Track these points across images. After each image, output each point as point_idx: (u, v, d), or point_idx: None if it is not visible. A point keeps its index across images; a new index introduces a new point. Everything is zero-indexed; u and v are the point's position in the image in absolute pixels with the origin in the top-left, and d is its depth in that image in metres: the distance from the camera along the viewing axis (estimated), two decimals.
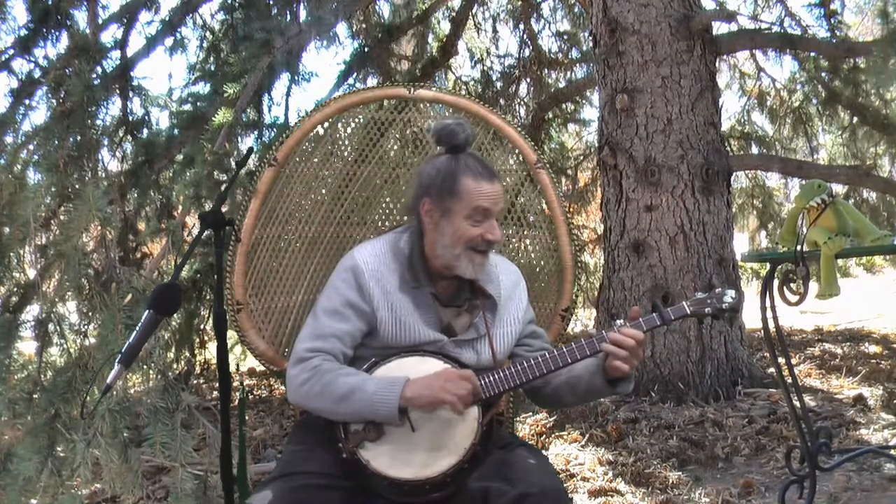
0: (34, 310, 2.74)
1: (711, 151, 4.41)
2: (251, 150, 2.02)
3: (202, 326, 4.84)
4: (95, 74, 2.86)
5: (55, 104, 2.80)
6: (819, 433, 2.61)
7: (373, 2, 6.61)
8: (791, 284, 2.29)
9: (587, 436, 3.65)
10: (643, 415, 3.87)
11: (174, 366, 4.62)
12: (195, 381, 5.09)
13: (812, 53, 6.08)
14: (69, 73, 2.74)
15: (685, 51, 4.42)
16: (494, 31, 7.73)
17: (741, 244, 7.14)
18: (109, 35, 4.04)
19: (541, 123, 6.84)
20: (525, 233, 2.19)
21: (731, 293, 1.76)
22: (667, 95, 4.38)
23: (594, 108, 7.44)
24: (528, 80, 7.49)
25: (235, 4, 4.66)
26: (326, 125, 2.12)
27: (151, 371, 2.41)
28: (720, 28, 5.60)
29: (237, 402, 2.11)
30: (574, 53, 7.45)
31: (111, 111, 3.65)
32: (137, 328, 1.68)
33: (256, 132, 4.00)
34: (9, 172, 2.74)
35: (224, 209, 1.96)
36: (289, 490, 1.55)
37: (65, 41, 3.10)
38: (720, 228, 4.39)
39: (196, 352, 5.00)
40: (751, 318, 4.32)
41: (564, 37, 7.47)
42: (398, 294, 1.74)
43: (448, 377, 1.62)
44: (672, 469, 3.19)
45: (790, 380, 2.59)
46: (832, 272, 2.17)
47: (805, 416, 2.60)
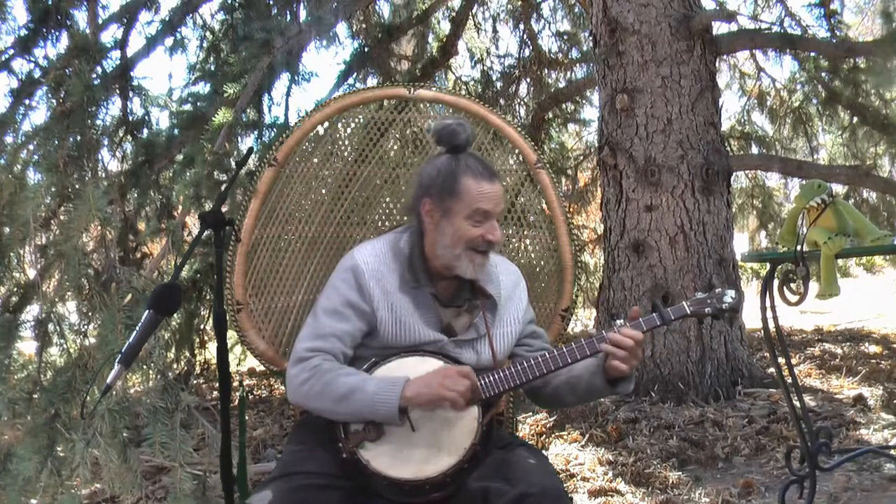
0: (34, 310, 2.74)
1: (711, 151, 4.41)
2: (251, 150, 2.02)
3: (202, 326, 4.84)
4: (95, 74, 2.86)
5: (55, 104, 2.80)
6: (819, 433, 2.61)
7: (373, 2, 6.61)
8: (791, 284, 2.29)
9: (587, 436, 3.65)
10: (643, 415, 3.87)
11: (174, 366, 4.62)
12: (195, 381, 5.09)
13: (812, 53, 6.08)
14: (69, 73, 2.75)
15: (685, 51, 4.42)
16: (494, 31, 7.73)
17: (741, 244, 7.14)
18: (109, 35, 4.05)
19: (541, 123, 6.84)
20: (525, 233, 2.19)
21: (731, 293, 1.76)
22: (667, 95, 4.38)
23: (594, 108, 7.44)
24: (528, 80, 7.49)
25: (235, 4, 4.66)
26: (326, 125, 2.12)
27: (151, 371, 2.41)
28: (720, 28, 5.61)
29: (237, 402, 2.11)
30: (574, 53, 7.45)
31: (111, 111, 3.66)
32: (137, 328, 1.67)
33: (256, 132, 4.00)
34: (9, 172, 2.74)
35: (224, 209, 1.96)
36: (289, 490, 1.55)
37: (65, 41, 3.10)
38: (720, 228, 4.39)
39: (196, 352, 5.00)
40: (751, 318, 4.32)
41: (564, 37, 7.46)
42: (398, 294, 1.74)
43: (447, 374, 1.63)
44: (672, 469, 3.19)
45: (790, 380, 2.58)
46: (832, 272, 2.17)
47: (805, 416, 2.60)
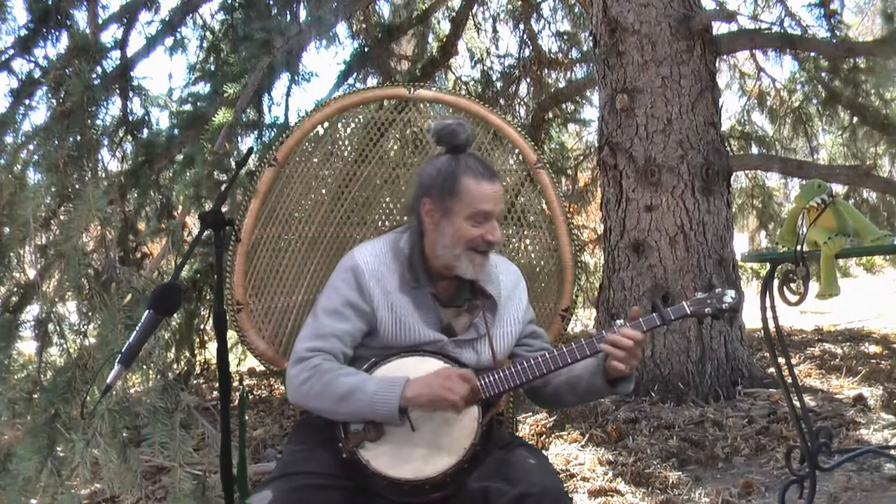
0: (34, 310, 2.75)
1: (711, 151, 4.41)
2: (251, 150, 2.02)
3: (202, 326, 4.85)
4: (95, 74, 2.86)
5: (55, 104, 2.80)
6: (819, 433, 2.61)
7: (373, 2, 6.61)
8: (791, 284, 2.28)
9: (587, 436, 3.65)
10: (643, 415, 3.87)
11: (174, 366, 4.62)
12: (195, 381, 5.09)
13: (812, 53, 6.08)
14: (69, 73, 2.75)
15: (685, 51, 4.42)
16: (494, 31, 7.73)
17: (741, 244, 7.14)
18: (109, 35, 4.05)
19: (541, 123, 6.84)
20: (525, 233, 2.19)
21: (731, 293, 1.76)
22: (667, 95, 4.38)
23: (594, 108, 7.44)
24: (528, 80, 7.49)
25: (235, 4, 4.66)
26: (326, 125, 2.12)
27: (151, 371, 2.41)
28: (720, 28, 5.61)
29: (237, 402, 2.11)
30: (574, 53, 7.45)
31: (111, 111, 3.66)
32: (137, 328, 1.67)
33: (256, 132, 4.00)
34: (9, 172, 2.74)
35: (224, 209, 1.96)
36: (289, 490, 1.55)
37: (65, 41, 3.10)
38: (720, 228, 4.39)
39: (196, 352, 5.00)
40: (751, 318, 4.32)
41: (564, 37, 7.46)
42: (398, 294, 1.74)
43: (448, 376, 1.63)
44: (672, 469, 3.19)
45: (790, 380, 2.58)
46: (832, 272, 2.16)
47: (805, 416, 2.60)
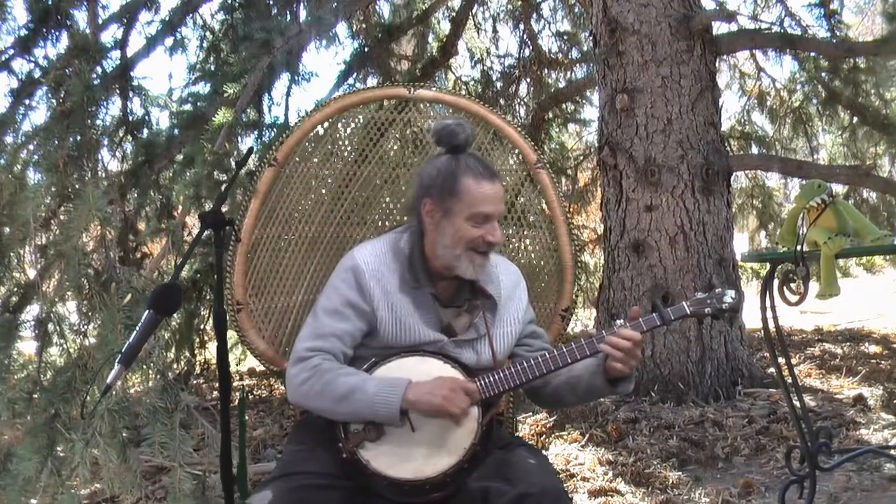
0: (34, 310, 2.74)
1: (711, 151, 4.41)
2: (251, 150, 2.02)
3: (202, 326, 4.85)
4: (95, 74, 2.86)
5: (55, 104, 2.80)
6: (819, 433, 2.61)
7: (373, 2, 6.61)
8: (791, 284, 2.28)
9: (587, 436, 3.65)
10: (643, 415, 3.87)
11: (174, 366, 4.62)
12: (195, 381, 5.09)
13: (812, 53, 6.08)
14: (69, 73, 2.75)
15: (685, 51, 4.42)
16: (494, 31, 7.72)
17: (741, 244, 7.14)
18: (109, 35, 4.05)
19: (541, 123, 6.83)
20: (525, 233, 2.19)
21: (731, 293, 1.76)
22: (667, 95, 4.38)
23: (594, 108, 7.45)
24: (528, 80, 7.48)
25: (235, 4, 4.66)
26: (326, 125, 2.12)
27: (151, 371, 2.41)
28: (720, 28, 5.61)
29: (237, 402, 2.11)
30: (574, 53, 7.44)
31: (111, 111, 3.66)
32: (137, 328, 1.67)
33: (256, 132, 4.00)
34: (9, 172, 2.74)
35: (224, 209, 1.96)
36: (289, 490, 1.55)
37: (65, 41, 3.10)
38: (720, 228, 4.39)
39: (196, 352, 5.00)
40: (751, 318, 4.32)
41: (564, 37, 7.46)
42: (398, 294, 1.74)
43: (452, 388, 1.62)
44: (672, 469, 3.19)
45: (790, 380, 2.58)
46: (832, 272, 2.16)
47: (805, 416, 2.60)
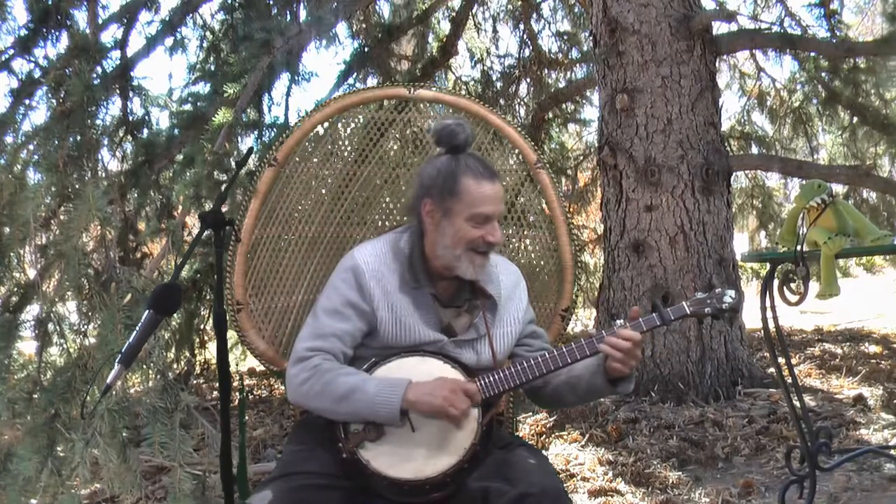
0: (34, 310, 2.75)
1: (711, 151, 4.41)
2: (251, 150, 2.02)
3: (202, 326, 4.84)
4: (95, 74, 2.86)
5: (55, 104, 2.80)
6: (819, 433, 2.61)
7: (373, 2, 6.61)
8: (791, 284, 2.28)
9: (587, 436, 3.65)
10: (643, 415, 3.87)
11: (174, 366, 4.62)
12: (195, 381, 5.09)
13: (812, 53, 6.08)
14: (69, 73, 2.75)
15: (685, 51, 4.42)
16: (494, 31, 7.72)
17: (741, 244, 7.14)
18: (109, 35, 4.05)
19: (541, 123, 6.83)
20: (525, 233, 2.19)
21: (731, 293, 1.76)
22: (667, 95, 4.38)
23: (594, 108, 7.45)
24: (528, 80, 7.48)
25: (235, 4, 4.66)
26: (326, 125, 2.12)
27: (151, 371, 2.41)
28: (720, 28, 5.61)
29: (237, 402, 2.11)
30: (574, 53, 7.44)
31: (111, 111, 3.66)
32: (137, 328, 1.67)
33: (256, 132, 4.00)
34: (9, 172, 2.74)
35: (224, 209, 1.96)
36: (289, 490, 1.55)
37: (65, 41, 3.10)
38: (720, 228, 4.39)
39: (196, 352, 5.00)
40: (751, 318, 4.32)
41: (564, 37, 7.46)
42: (398, 294, 1.74)
43: (453, 389, 1.62)
44: (672, 469, 3.19)
45: (790, 380, 2.58)
46: (832, 272, 2.16)
47: (805, 416, 2.60)
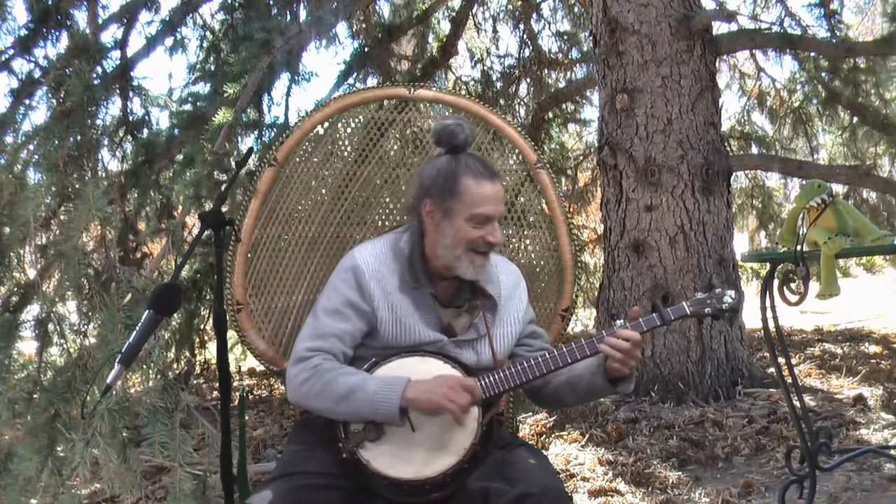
0: (34, 310, 2.75)
1: (711, 151, 4.41)
2: (251, 150, 2.02)
3: (202, 326, 4.84)
4: (95, 74, 2.86)
5: (55, 104, 2.80)
6: (819, 433, 2.61)
7: (373, 2, 6.61)
8: (791, 284, 2.28)
9: (587, 436, 3.65)
10: (643, 415, 3.87)
11: (174, 366, 4.62)
12: (195, 381, 5.09)
13: (812, 53, 6.08)
14: (69, 73, 2.75)
15: (685, 51, 4.42)
16: (494, 31, 7.72)
17: (741, 244, 7.14)
18: (109, 35, 4.05)
19: (541, 123, 6.83)
20: (525, 233, 2.19)
21: (731, 293, 1.76)
22: (667, 95, 4.38)
23: (594, 108, 7.45)
24: (528, 80, 7.48)
25: (235, 4, 4.66)
26: (326, 125, 2.12)
27: (151, 371, 2.41)
28: (720, 28, 5.61)
29: (237, 402, 2.11)
30: (574, 53, 7.44)
31: (111, 111, 3.66)
32: (137, 328, 1.67)
33: (256, 132, 4.00)
34: (9, 172, 2.74)
35: (224, 209, 1.96)
36: (289, 490, 1.55)
37: (65, 41, 3.10)
38: (720, 228, 4.39)
39: (196, 352, 5.00)
40: (751, 318, 4.31)
41: (564, 37, 7.46)
42: (398, 294, 1.74)
43: (451, 385, 1.62)
44: (672, 469, 3.19)
45: (790, 380, 2.58)
46: (832, 272, 2.16)
47: (805, 416, 2.60)
